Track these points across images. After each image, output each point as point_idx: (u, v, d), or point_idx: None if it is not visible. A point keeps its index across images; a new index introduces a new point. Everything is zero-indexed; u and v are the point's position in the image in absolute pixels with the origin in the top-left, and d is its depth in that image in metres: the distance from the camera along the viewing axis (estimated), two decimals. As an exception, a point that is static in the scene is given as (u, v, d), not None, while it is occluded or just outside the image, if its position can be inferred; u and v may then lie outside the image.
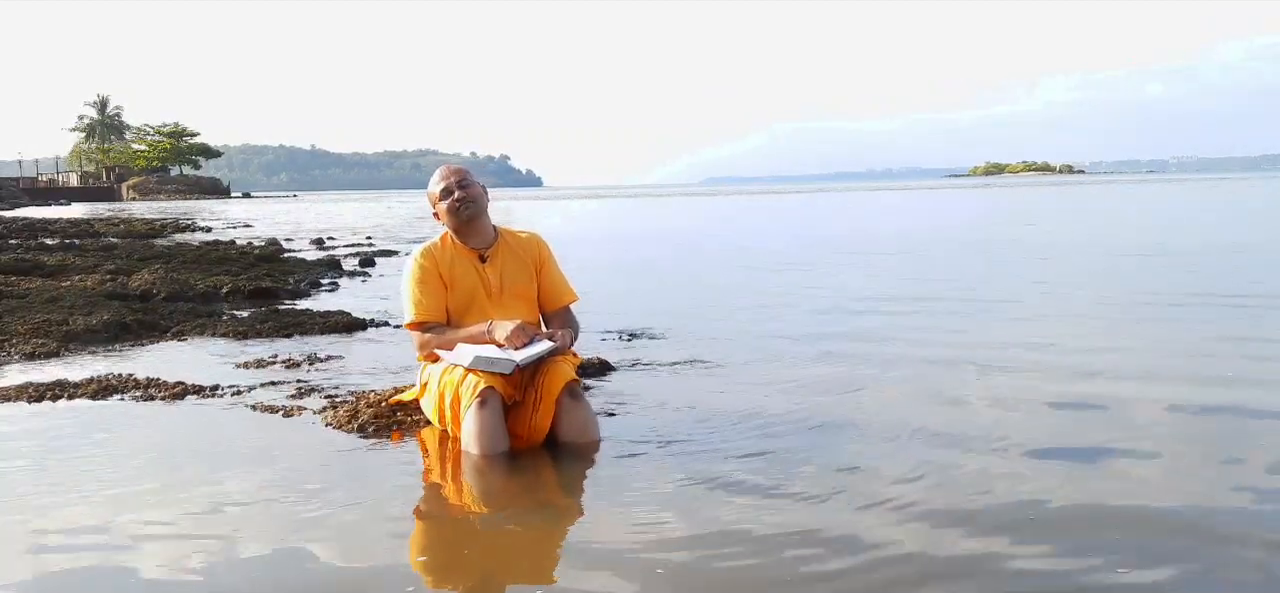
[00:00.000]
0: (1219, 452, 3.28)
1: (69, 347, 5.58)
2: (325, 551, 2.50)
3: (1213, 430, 3.60)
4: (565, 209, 37.48)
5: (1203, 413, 3.81)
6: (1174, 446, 3.34)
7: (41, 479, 3.11)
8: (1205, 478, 3.01)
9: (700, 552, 2.46)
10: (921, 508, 2.74)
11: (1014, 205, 30.70)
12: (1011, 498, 2.82)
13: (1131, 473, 3.06)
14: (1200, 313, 6.51)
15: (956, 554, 2.42)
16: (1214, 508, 2.72)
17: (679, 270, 11.26)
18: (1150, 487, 2.93)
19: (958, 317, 6.59)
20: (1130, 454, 3.23)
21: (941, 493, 2.87)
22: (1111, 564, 2.33)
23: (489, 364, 3.24)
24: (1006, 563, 2.37)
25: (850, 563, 2.38)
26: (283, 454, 3.39)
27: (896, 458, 3.22)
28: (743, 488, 2.93)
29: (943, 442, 3.39)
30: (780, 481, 3.00)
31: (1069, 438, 3.48)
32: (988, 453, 3.26)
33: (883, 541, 2.51)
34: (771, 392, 4.24)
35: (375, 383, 4.41)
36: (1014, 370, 4.62)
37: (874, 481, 2.99)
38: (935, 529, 2.59)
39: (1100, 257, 11.45)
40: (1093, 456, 3.25)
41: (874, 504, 2.78)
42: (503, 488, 3.07)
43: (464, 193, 3.52)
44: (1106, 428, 3.57)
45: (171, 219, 29.11)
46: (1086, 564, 2.34)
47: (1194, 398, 4.01)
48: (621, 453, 3.32)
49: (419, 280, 3.53)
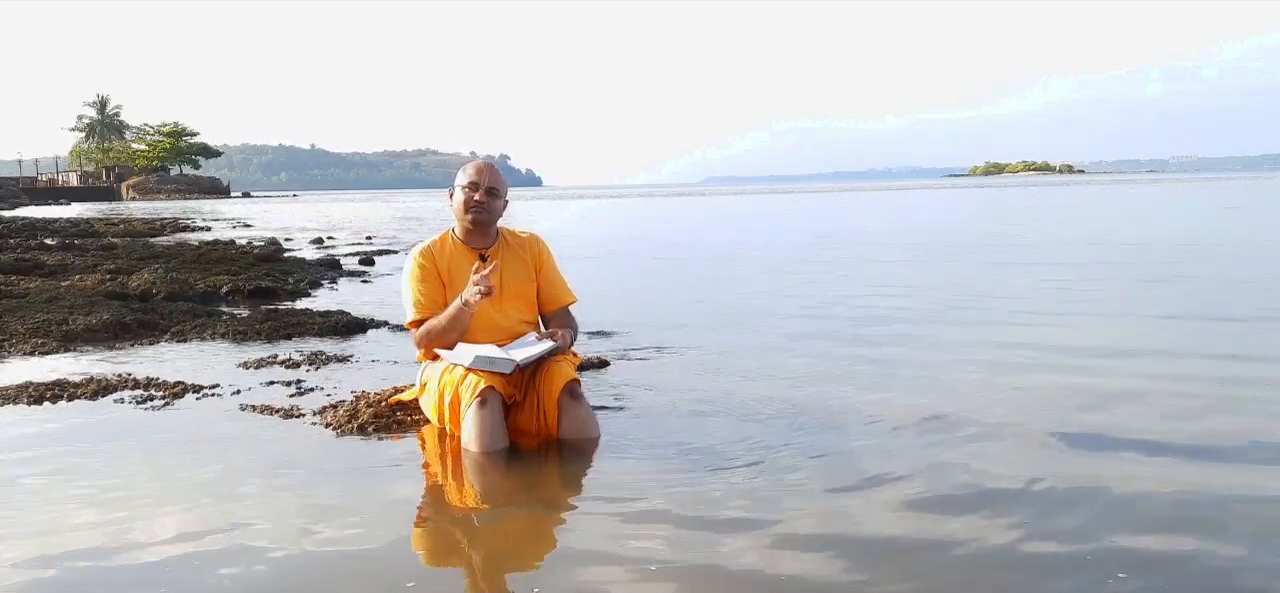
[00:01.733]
0: (1219, 445, 3.29)
1: (69, 347, 5.58)
2: (325, 550, 2.50)
3: (1213, 425, 3.60)
4: (567, 210, 37.42)
5: (1204, 408, 3.82)
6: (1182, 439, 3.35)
7: (41, 479, 3.11)
8: (1206, 470, 3.02)
9: (700, 551, 2.46)
10: (923, 510, 2.75)
11: (1015, 205, 30.69)
12: (1006, 485, 2.83)
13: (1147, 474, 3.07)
14: (1202, 313, 6.52)
15: (963, 560, 2.43)
16: (1211, 496, 2.73)
17: (680, 271, 11.25)
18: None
19: (959, 318, 6.60)
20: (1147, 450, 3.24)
21: (953, 502, 2.87)
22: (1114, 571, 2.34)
23: (489, 364, 3.24)
24: (1003, 547, 2.38)
25: (850, 562, 2.38)
26: (282, 454, 3.39)
27: (895, 457, 3.22)
28: (743, 486, 2.93)
29: (951, 445, 3.36)
30: (780, 479, 3.00)
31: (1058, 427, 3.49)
32: (988, 451, 3.27)
33: (882, 537, 2.52)
34: (772, 390, 4.24)
35: (375, 383, 4.41)
36: (1014, 368, 4.63)
37: (871, 475, 3.00)
38: (942, 532, 2.59)
39: (1108, 252, 11.46)
40: (1096, 456, 3.25)
41: (872, 498, 2.78)
42: (502, 486, 3.07)
43: (486, 200, 3.53)
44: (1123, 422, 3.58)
45: (171, 219, 29.11)
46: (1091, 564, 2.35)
47: (1197, 388, 4.02)
48: (621, 451, 3.32)
49: (418, 278, 3.54)
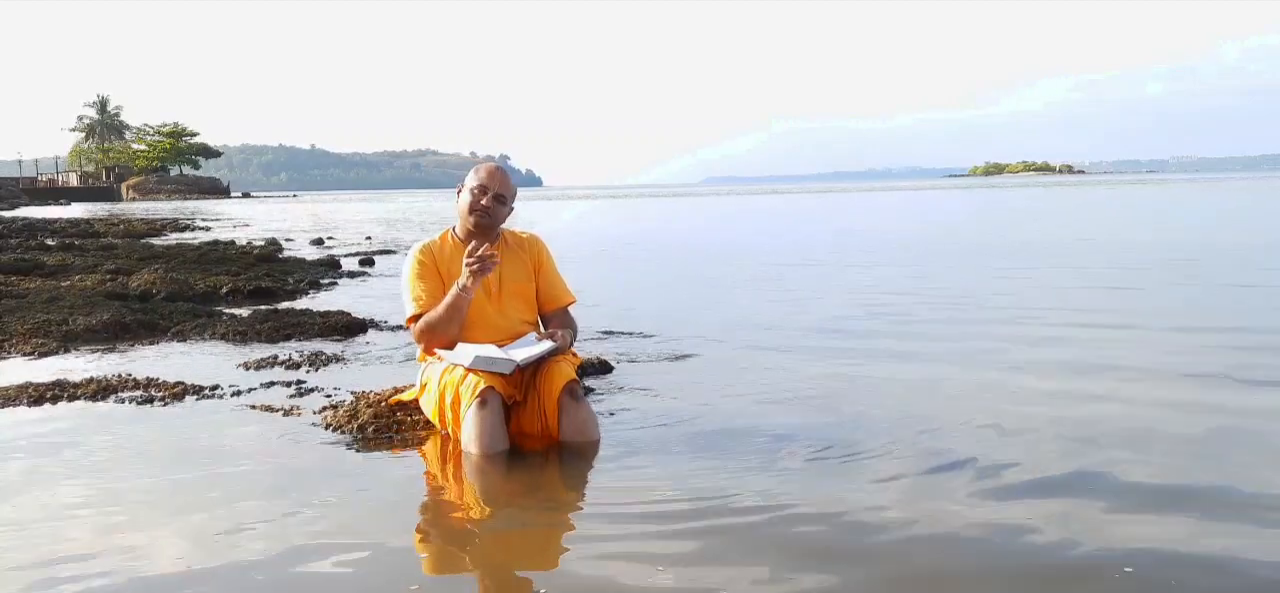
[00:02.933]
0: (1216, 439, 3.31)
1: (69, 347, 5.58)
2: (325, 551, 2.50)
3: (1215, 421, 3.60)
4: (569, 211, 37.42)
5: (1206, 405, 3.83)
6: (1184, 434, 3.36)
7: (41, 480, 3.11)
8: (1209, 467, 3.02)
9: (700, 552, 2.46)
10: (932, 514, 2.74)
11: (1029, 207, 30.69)
12: (1003, 479, 2.83)
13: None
14: (1204, 309, 6.52)
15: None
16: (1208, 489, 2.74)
17: (682, 268, 11.25)
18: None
19: (965, 315, 6.60)
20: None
21: (969, 520, 2.86)
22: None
23: (489, 364, 3.24)
24: (1004, 536, 2.38)
25: (850, 563, 2.38)
26: (282, 454, 3.38)
27: (895, 456, 3.22)
28: (743, 488, 2.92)
29: (959, 456, 3.26)
30: (781, 482, 2.99)
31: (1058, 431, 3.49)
32: (990, 447, 3.26)
33: (890, 541, 2.51)
34: (773, 391, 4.24)
35: (375, 383, 4.40)
36: (1012, 366, 4.63)
37: (880, 479, 2.99)
38: (954, 545, 2.59)
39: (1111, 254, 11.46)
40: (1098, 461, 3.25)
41: (881, 503, 2.78)
42: (502, 488, 3.07)
43: (492, 206, 3.54)
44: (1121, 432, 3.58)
45: (171, 219, 29.11)
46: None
47: (1197, 393, 4.03)
48: (621, 453, 3.32)
49: (418, 274, 3.55)
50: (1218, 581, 2.27)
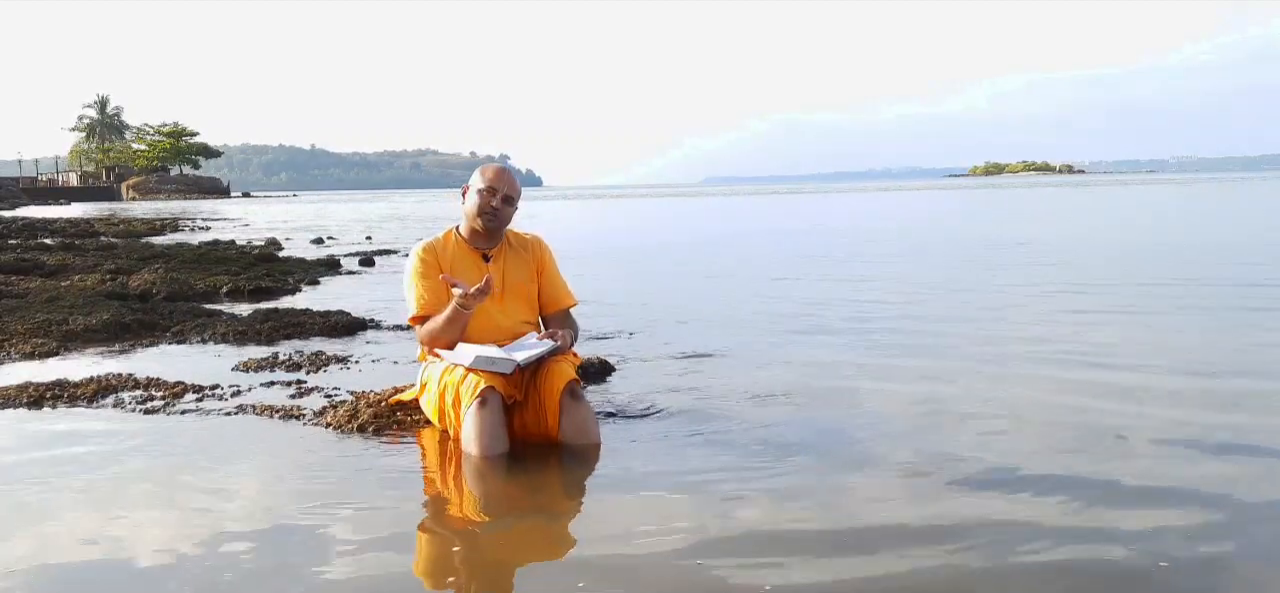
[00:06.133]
0: (1215, 436, 3.31)
1: (69, 347, 5.57)
2: (325, 551, 2.50)
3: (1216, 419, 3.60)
4: (569, 211, 37.41)
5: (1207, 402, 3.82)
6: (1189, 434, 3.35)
7: (40, 480, 3.10)
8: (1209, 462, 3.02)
9: (700, 553, 2.45)
10: (934, 513, 2.74)
11: (1018, 206, 30.69)
12: (1001, 476, 2.83)
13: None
14: (1205, 308, 6.51)
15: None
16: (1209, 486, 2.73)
17: (682, 268, 11.25)
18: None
19: (966, 316, 6.59)
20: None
21: (979, 511, 2.86)
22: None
23: (489, 364, 3.23)
24: (1010, 535, 2.37)
25: (852, 562, 2.37)
26: (282, 455, 3.38)
27: (893, 456, 3.22)
28: (744, 490, 2.92)
29: (964, 454, 3.26)
30: (782, 483, 2.99)
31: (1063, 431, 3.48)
32: (994, 445, 3.26)
33: (897, 546, 2.51)
34: (774, 391, 4.24)
35: (375, 383, 4.40)
36: (1012, 364, 4.63)
37: (884, 480, 2.99)
38: (959, 543, 2.58)
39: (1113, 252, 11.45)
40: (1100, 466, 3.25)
41: (886, 505, 2.77)
42: (502, 489, 3.07)
43: (501, 208, 3.54)
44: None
45: (171, 219, 29.10)
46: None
47: (1200, 389, 4.02)
48: (621, 454, 3.32)
49: (420, 274, 3.54)
50: (1218, 580, 2.27)
